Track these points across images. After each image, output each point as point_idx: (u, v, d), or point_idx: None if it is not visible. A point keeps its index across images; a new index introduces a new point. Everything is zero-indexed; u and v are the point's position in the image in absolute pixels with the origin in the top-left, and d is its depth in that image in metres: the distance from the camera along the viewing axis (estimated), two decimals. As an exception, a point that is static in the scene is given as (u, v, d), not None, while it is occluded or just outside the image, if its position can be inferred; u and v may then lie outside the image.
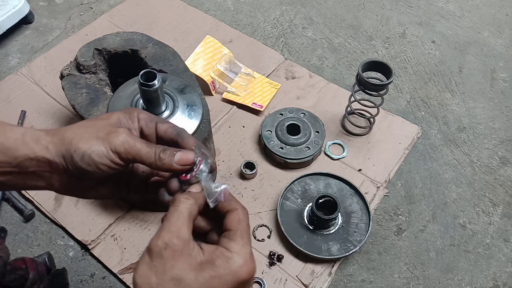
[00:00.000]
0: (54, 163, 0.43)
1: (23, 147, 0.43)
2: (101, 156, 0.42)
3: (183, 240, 0.40)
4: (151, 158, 0.44)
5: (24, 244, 0.95)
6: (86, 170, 0.43)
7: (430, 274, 0.93)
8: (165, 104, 0.84)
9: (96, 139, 0.43)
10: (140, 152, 0.44)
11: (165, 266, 0.38)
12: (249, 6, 1.44)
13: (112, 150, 0.43)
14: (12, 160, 0.42)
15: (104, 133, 0.43)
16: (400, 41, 1.35)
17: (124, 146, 0.43)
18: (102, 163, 0.43)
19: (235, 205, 0.45)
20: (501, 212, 1.01)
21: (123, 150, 0.43)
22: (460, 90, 1.24)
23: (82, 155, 0.42)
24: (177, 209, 0.41)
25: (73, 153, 0.42)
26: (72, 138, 0.43)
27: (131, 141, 0.43)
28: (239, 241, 0.42)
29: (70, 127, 0.45)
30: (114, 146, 0.43)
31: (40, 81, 1.20)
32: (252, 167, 1.02)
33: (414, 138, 1.12)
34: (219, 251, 0.41)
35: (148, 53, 0.99)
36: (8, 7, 1.28)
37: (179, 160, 0.45)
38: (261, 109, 1.13)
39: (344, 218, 0.95)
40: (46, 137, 0.43)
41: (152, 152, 0.44)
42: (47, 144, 0.43)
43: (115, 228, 0.95)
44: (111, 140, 0.43)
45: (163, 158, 0.44)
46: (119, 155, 0.43)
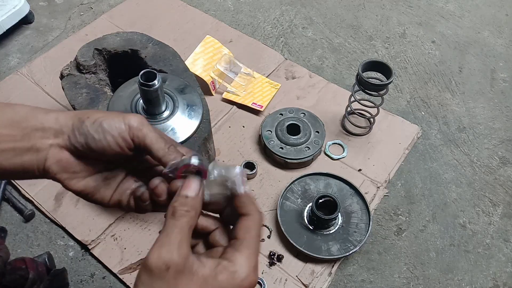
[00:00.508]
0: (60, 133, 0.43)
1: (32, 118, 0.42)
2: (111, 126, 0.42)
3: (183, 257, 0.38)
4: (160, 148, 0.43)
5: (24, 244, 0.95)
6: (93, 137, 0.42)
7: (430, 274, 0.93)
8: (165, 104, 0.84)
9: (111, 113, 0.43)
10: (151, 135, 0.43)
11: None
12: (249, 6, 1.44)
13: (125, 122, 0.42)
14: (18, 132, 0.42)
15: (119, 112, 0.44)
16: (400, 41, 1.35)
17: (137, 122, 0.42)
18: (111, 133, 0.42)
19: (249, 210, 0.42)
20: (501, 212, 1.01)
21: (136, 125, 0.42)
22: (460, 90, 1.24)
23: (94, 121, 0.42)
24: (176, 224, 0.39)
25: (85, 119, 0.42)
26: (88, 111, 0.44)
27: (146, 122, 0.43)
28: (245, 252, 0.40)
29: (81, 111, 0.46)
30: (128, 120, 0.42)
31: (40, 81, 1.20)
32: (252, 167, 1.02)
33: (414, 138, 1.12)
34: (222, 266, 0.39)
35: (148, 53, 0.99)
36: (8, 7, 1.28)
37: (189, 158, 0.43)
38: (261, 109, 1.13)
39: (344, 218, 0.95)
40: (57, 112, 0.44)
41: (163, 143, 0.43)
42: (57, 116, 0.43)
43: (115, 228, 0.95)
44: (126, 116, 0.43)
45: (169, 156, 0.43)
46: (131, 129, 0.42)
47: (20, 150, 0.43)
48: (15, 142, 0.42)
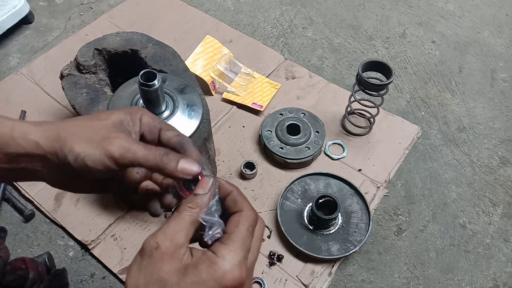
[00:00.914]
0: (46, 158, 0.42)
1: (13, 143, 0.41)
2: (94, 161, 0.41)
3: (175, 244, 0.39)
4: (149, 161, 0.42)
5: (24, 244, 0.95)
6: (79, 172, 0.42)
7: (430, 274, 0.93)
8: (165, 104, 0.84)
9: (90, 142, 0.41)
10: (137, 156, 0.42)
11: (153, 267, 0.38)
12: (249, 6, 1.44)
13: (107, 156, 0.41)
14: (3, 156, 0.42)
15: (99, 137, 0.42)
16: (400, 41, 1.35)
17: (119, 151, 0.41)
18: (96, 168, 0.41)
19: (241, 206, 0.43)
20: (501, 212, 1.01)
21: (118, 156, 0.41)
22: (460, 90, 1.24)
23: (76, 158, 0.41)
24: (179, 215, 0.40)
25: (67, 153, 0.41)
26: (67, 137, 0.42)
27: (126, 145, 0.41)
28: (230, 245, 0.40)
29: (65, 122, 0.43)
30: (108, 152, 0.41)
31: (40, 81, 1.20)
32: (252, 167, 1.02)
33: (414, 138, 1.12)
34: (205, 256, 0.39)
35: (148, 53, 0.99)
36: (8, 7, 1.28)
37: (183, 168, 0.43)
38: (261, 109, 1.13)
39: (344, 218, 0.95)
40: (36, 132, 0.42)
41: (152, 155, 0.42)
42: (37, 140, 0.41)
43: (115, 228, 0.95)
44: (105, 145, 0.41)
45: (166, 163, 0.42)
46: (115, 160, 0.41)
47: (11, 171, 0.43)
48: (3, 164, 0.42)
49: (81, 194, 0.99)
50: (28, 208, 0.98)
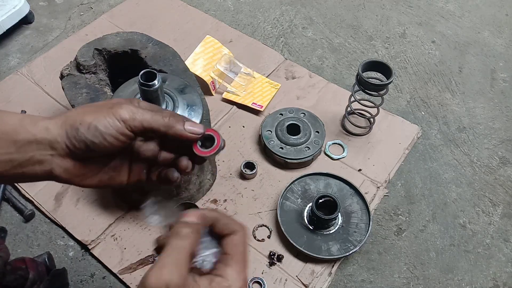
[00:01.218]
0: (56, 143, 0.42)
1: (22, 131, 0.42)
2: (107, 127, 0.42)
3: (183, 277, 0.38)
4: (158, 121, 0.43)
5: (24, 244, 0.95)
6: (93, 142, 0.42)
7: (430, 274, 0.93)
8: (165, 104, 0.84)
9: (100, 112, 0.42)
10: (145, 117, 0.43)
11: None
12: (249, 6, 1.44)
13: (118, 119, 0.42)
14: (12, 145, 0.41)
15: (107, 107, 0.43)
16: (400, 41, 1.35)
17: (129, 114, 0.42)
18: (109, 133, 0.42)
19: (233, 227, 0.43)
20: (501, 212, 1.01)
21: (129, 117, 0.42)
22: (460, 90, 1.24)
23: (88, 126, 0.41)
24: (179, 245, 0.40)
25: (78, 126, 0.42)
26: (76, 115, 0.43)
27: (134, 109, 0.43)
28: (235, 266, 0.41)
29: (70, 110, 0.45)
30: (119, 115, 0.42)
31: (40, 81, 1.20)
32: (252, 167, 1.02)
33: (414, 138, 1.12)
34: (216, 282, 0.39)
35: (148, 53, 0.99)
36: (8, 7, 1.28)
37: (189, 129, 0.44)
38: (261, 109, 1.13)
39: (344, 218, 0.95)
40: (45, 120, 0.43)
41: (159, 116, 0.43)
42: (46, 125, 0.42)
43: (115, 228, 0.95)
44: (115, 110, 0.42)
45: (174, 123, 0.44)
46: (126, 123, 0.42)
47: (18, 161, 0.42)
48: (11, 154, 0.42)
49: (81, 194, 0.99)
50: (28, 208, 0.98)
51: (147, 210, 0.45)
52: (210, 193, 1.01)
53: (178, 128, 0.44)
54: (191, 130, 0.45)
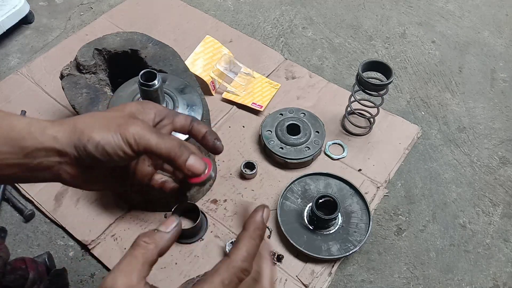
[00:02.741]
0: (64, 153, 0.42)
1: (30, 137, 0.42)
2: (113, 148, 0.42)
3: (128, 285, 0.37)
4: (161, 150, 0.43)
5: (24, 244, 0.95)
6: (99, 159, 0.42)
7: (430, 274, 0.93)
8: (165, 104, 0.84)
9: (108, 130, 0.42)
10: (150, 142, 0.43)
11: None
12: (249, 6, 1.44)
13: (124, 141, 0.42)
14: (20, 151, 0.42)
15: (116, 124, 0.43)
16: (400, 41, 1.35)
17: (134, 137, 0.42)
18: (116, 153, 0.42)
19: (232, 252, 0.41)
20: (501, 212, 1.01)
21: (133, 142, 0.42)
22: (460, 90, 1.24)
23: (96, 145, 0.42)
24: (131, 253, 0.39)
25: (86, 142, 0.42)
26: (84, 128, 0.42)
27: (141, 132, 0.43)
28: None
29: (80, 117, 0.44)
30: (125, 137, 0.42)
31: (40, 81, 1.20)
32: (252, 167, 1.02)
33: (414, 138, 1.12)
34: None
35: (148, 53, 0.99)
36: (8, 7, 1.28)
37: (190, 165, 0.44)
38: (260, 109, 1.13)
39: (344, 218, 0.95)
40: (53, 127, 0.43)
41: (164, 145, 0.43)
42: (55, 134, 0.42)
43: (115, 228, 0.95)
44: (122, 131, 0.42)
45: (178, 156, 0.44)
46: (131, 146, 0.42)
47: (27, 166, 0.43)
48: (18, 159, 0.42)
49: (81, 194, 1.00)
50: (28, 208, 0.98)
51: None
52: (210, 193, 1.01)
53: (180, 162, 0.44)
54: (191, 167, 0.44)
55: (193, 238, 0.93)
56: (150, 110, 0.48)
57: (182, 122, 0.49)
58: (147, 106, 0.48)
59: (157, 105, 0.49)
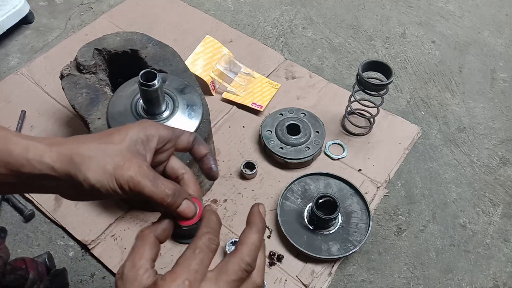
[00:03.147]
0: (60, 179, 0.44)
1: (28, 165, 0.42)
2: (108, 190, 0.43)
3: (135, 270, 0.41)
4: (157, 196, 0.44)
5: (24, 244, 0.95)
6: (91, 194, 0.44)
7: (430, 274, 0.93)
8: (165, 104, 0.84)
9: (104, 172, 0.43)
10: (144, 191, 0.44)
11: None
12: (249, 6, 1.44)
13: (118, 185, 0.43)
14: (18, 175, 0.43)
15: (113, 165, 0.43)
16: (400, 41, 1.35)
17: (129, 185, 0.43)
18: (109, 194, 0.44)
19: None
20: (501, 212, 1.01)
21: (127, 188, 0.43)
22: (460, 90, 1.24)
23: (91, 188, 0.43)
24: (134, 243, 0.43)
25: (82, 181, 0.43)
26: (81, 163, 0.43)
27: (136, 179, 0.43)
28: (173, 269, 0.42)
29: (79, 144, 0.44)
30: (120, 183, 0.43)
31: (40, 81, 1.20)
32: (252, 167, 1.02)
33: (414, 138, 1.12)
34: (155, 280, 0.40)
35: (148, 53, 0.99)
36: (8, 7, 1.28)
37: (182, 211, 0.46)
38: (260, 109, 1.13)
39: (344, 218, 0.95)
40: (51, 154, 0.43)
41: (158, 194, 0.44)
42: (52, 164, 0.43)
43: (115, 228, 0.95)
44: (118, 175, 0.43)
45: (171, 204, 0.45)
46: (125, 192, 0.44)
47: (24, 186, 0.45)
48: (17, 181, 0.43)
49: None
50: (28, 208, 0.98)
51: None
52: (210, 193, 1.01)
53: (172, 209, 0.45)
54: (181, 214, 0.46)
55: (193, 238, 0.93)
56: (153, 138, 0.47)
57: (185, 144, 0.50)
58: (150, 133, 0.47)
59: (160, 129, 0.48)
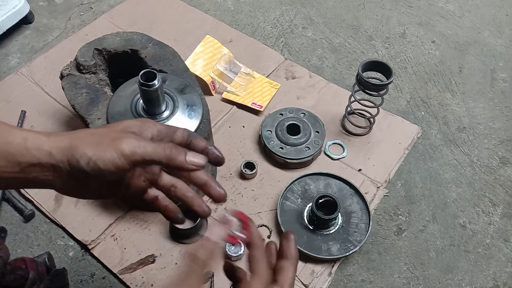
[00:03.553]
0: (58, 168, 0.43)
1: (26, 153, 0.43)
2: (106, 163, 0.42)
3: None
4: (159, 154, 0.44)
5: (24, 244, 0.95)
6: (91, 175, 0.43)
7: (430, 274, 0.93)
8: (165, 104, 0.84)
9: (101, 145, 0.43)
10: (147, 150, 0.43)
11: None
12: (249, 6, 1.44)
13: (119, 154, 0.42)
14: (16, 165, 0.43)
15: (109, 139, 0.43)
16: (400, 41, 1.35)
17: (129, 148, 0.43)
18: (107, 169, 0.43)
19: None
20: (501, 212, 1.01)
21: (129, 152, 0.43)
22: (460, 90, 1.24)
23: (88, 161, 0.42)
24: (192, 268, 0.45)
25: (79, 158, 0.42)
26: (78, 144, 0.43)
27: (136, 142, 0.43)
28: None
29: (75, 132, 0.45)
30: (120, 151, 0.42)
31: (40, 81, 1.20)
32: (252, 167, 1.02)
33: (414, 138, 1.12)
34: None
35: (148, 53, 0.99)
36: (8, 7, 1.28)
37: (191, 161, 0.45)
38: (260, 109, 1.13)
39: (344, 218, 0.95)
40: (49, 142, 0.44)
41: (161, 148, 0.44)
42: (50, 150, 0.43)
43: (115, 228, 0.95)
44: (116, 145, 0.43)
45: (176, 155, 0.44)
46: (127, 158, 0.43)
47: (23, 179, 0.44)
48: (15, 174, 0.43)
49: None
50: (28, 208, 0.98)
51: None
52: (210, 193, 1.01)
53: (179, 160, 0.45)
54: (192, 162, 0.45)
55: (193, 238, 0.93)
56: (149, 128, 0.47)
57: (180, 139, 0.49)
58: (147, 123, 0.47)
59: (157, 124, 0.48)
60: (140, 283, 0.88)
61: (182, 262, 0.50)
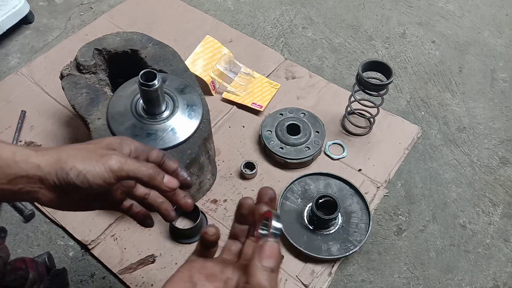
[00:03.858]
0: (45, 180, 0.46)
1: (14, 166, 0.45)
2: (95, 176, 0.46)
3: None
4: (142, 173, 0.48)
5: (24, 244, 0.95)
6: (80, 187, 0.46)
7: (430, 274, 0.93)
8: (165, 104, 0.84)
9: (90, 160, 0.46)
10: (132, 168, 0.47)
11: None
12: (249, 6, 1.44)
13: (107, 170, 0.46)
14: (4, 177, 0.45)
15: (97, 155, 0.47)
16: (400, 41, 1.35)
17: (117, 165, 0.47)
18: (95, 182, 0.46)
19: None
20: (501, 212, 1.02)
21: (117, 169, 0.46)
22: (460, 90, 1.24)
23: (78, 174, 0.45)
24: None
25: (68, 171, 0.45)
26: (67, 158, 0.46)
27: (123, 160, 0.47)
28: None
29: (63, 148, 0.48)
30: (108, 166, 0.46)
31: (40, 81, 1.20)
32: (252, 167, 1.02)
33: (414, 138, 1.12)
34: None
35: (148, 53, 0.99)
36: (8, 7, 1.28)
37: (167, 182, 0.50)
38: (260, 109, 1.13)
39: (344, 218, 0.95)
40: (37, 156, 0.46)
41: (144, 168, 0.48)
42: (38, 163, 0.46)
43: (115, 228, 0.95)
44: (105, 161, 0.46)
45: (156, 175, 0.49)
46: (113, 173, 0.47)
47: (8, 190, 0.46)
48: (2, 185, 0.45)
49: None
50: (28, 208, 0.98)
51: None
52: (210, 193, 1.01)
53: (158, 181, 0.50)
54: (167, 185, 0.50)
55: (193, 238, 0.93)
56: (128, 145, 0.52)
57: (155, 158, 0.54)
58: (125, 141, 0.52)
59: (134, 142, 0.53)
60: (140, 283, 0.88)
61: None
